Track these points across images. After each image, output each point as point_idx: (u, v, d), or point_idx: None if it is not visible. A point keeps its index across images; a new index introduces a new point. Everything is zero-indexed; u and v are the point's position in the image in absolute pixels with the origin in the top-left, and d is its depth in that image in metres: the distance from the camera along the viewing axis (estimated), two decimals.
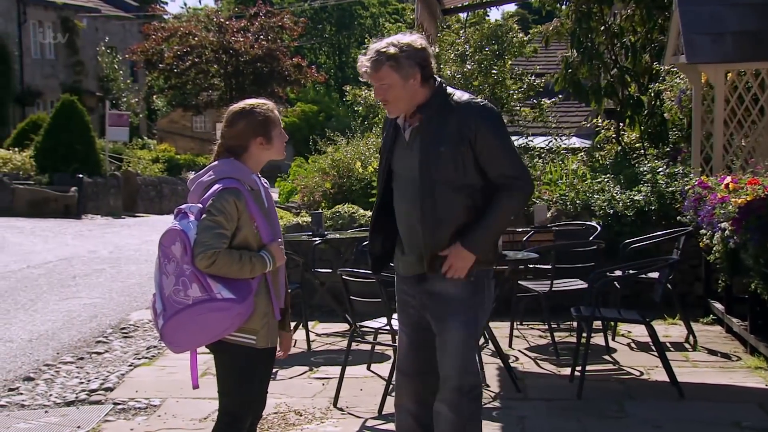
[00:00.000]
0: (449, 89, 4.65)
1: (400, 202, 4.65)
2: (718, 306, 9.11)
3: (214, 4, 59.06)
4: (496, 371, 7.47)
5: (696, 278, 9.91)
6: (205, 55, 38.35)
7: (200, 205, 4.27)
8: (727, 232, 7.82)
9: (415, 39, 4.59)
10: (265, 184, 4.48)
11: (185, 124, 48.63)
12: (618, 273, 7.85)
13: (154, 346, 9.03)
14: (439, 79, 4.66)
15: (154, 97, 44.66)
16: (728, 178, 8.76)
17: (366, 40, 24.97)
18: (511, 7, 41.47)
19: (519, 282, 8.46)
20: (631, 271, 7.83)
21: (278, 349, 4.56)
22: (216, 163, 4.40)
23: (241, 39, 37.83)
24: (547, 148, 14.57)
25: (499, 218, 4.55)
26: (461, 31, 15.59)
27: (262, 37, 38.23)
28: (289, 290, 7.73)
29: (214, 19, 39.51)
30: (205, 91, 39.88)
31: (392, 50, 4.48)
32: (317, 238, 9.01)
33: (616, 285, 8.22)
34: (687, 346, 8.37)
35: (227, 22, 39.15)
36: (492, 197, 4.52)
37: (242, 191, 4.26)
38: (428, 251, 4.56)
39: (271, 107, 4.44)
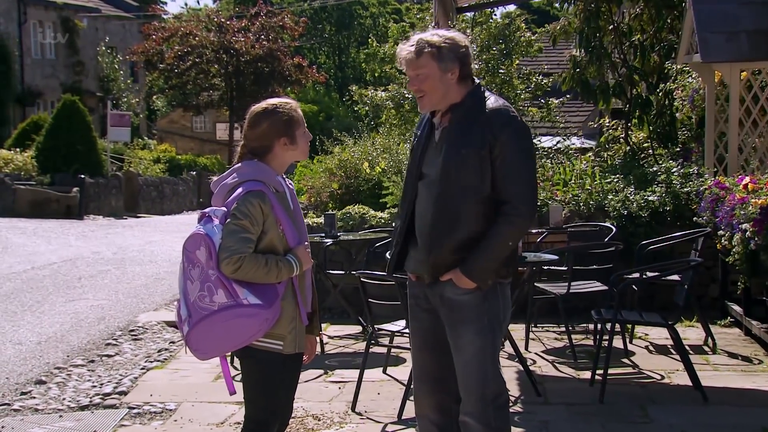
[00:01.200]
0: (487, 93, 4.52)
1: (420, 202, 4.53)
2: (736, 308, 9.00)
3: (213, 4, 58.97)
4: (515, 374, 7.36)
5: (712, 280, 9.80)
6: (205, 55, 38.26)
7: (225, 209, 4.16)
8: (748, 233, 7.72)
9: (459, 35, 4.51)
10: (290, 186, 4.38)
11: (185, 124, 48.47)
12: (638, 275, 7.73)
13: (166, 349, 8.92)
14: (477, 81, 4.54)
15: (154, 97, 44.56)
16: (747, 179, 8.65)
17: (369, 40, 24.88)
18: (511, 7, 41.27)
19: (535, 284, 8.36)
20: (651, 274, 7.70)
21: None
22: (239, 165, 4.28)
23: (242, 39, 37.74)
24: (555, 148, 14.46)
25: (499, 245, 4.37)
26: (468, 31, 15.47)
27: (262, 37, 38.15)
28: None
29: (215, 19, 39.42)
30: (205, 91, 39.78)
31: (436, 39, 4.39)
32: (330, 240, 8.89)
33: (634, 287, 8.10)
34: (706, 348, 8.26)
35: (228, 22, 39.06)
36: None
37: (267, 194, 4.16)
38: (432, 258, 4.46)
39: (294, 106, 4.33)
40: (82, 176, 26.33)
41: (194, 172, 35.02)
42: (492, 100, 4.43)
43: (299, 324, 4.29)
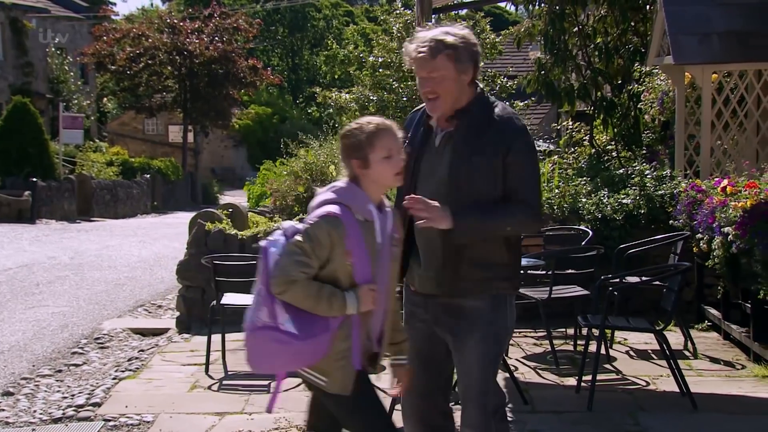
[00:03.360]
0: (491, 98, 4.32)
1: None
2: (714, 312, 8.95)
3: (163, 6, 58.40)
4: (500, 382, 7.21)
5: (686, 283, 9.73)
6: (158, 56, 37.87)
7: (299, 226, 3.91)
8: (730, 236, 7.65)
9: (469, 33, 4.24)
10: (385, 217, 3.98)
11: (137, 126, 47.94)
12: (628, 279, 7.64)
13: (136, 358, 8.67)
14: (480, 85, 4.32)
15: (105, 99, 44.00)
16: (724, 181, 8.60)
17: (329, 42, 24.68)
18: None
19: None
20: (634, 279, 7.62)
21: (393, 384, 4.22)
22: (338, 183, 4.00)
23: (196, 41, 37.38)
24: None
25: (500, 219, 4.12)
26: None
27: (216, 38, 37.82)
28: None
29: (168, 21, 39.01)
30: (158, 93, 39.37)
31: (451, 39, 4.12)
32: None
33: (614, 292, 7.99)
34: (687, 353, 8.19)
35: (181, 24, 38.68)
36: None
37: (344, 222, 3.83)
38: (448, 271, 4.19)
39: (374, 126, 3.95)
40: (34, 180, 25.84)
41: (148, 175, 34.57)
42: (500, 107, 4.23)
43: (349, 365, 3.92)
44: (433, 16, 11.01)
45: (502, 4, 34.58)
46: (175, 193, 37.48)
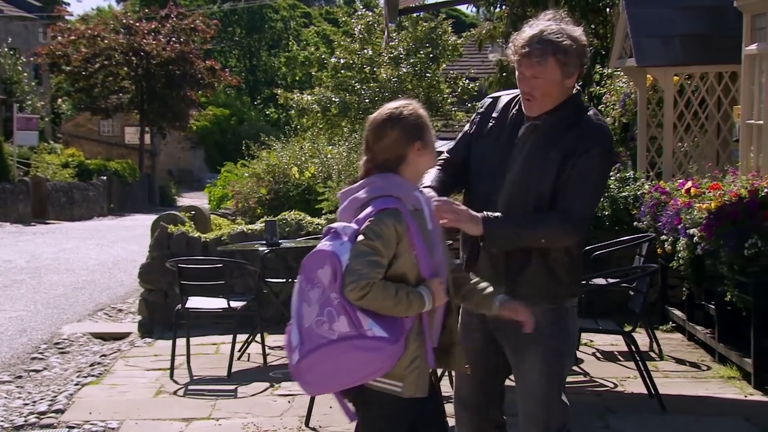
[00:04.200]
0: (585, 102, 4.16)
1: (494, 202, 3.99)
2: (678, 313, 8.99)
3: (118, 6, 57.90)
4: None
5: (650, 284, 9.76)
6: (114, 57, 37.50)
7: (356, 226, 3.64)
8: (695, 238, 7.68)
9: (582, 34, 3.97)
10: (428, 202, 3.79)
11: (92, 127, 47.40)
12: (595, 281, 7.65)
13: (98, 363, 8.54)
14: (577, 86, 4.08)
15: (60, 100, 43.49)
16: (688, 183, 8.64)
17: (290, 44, 24.56)
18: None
19: None
20: (608, 280, 7.63)
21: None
22: (372, 178, 3.72)
23: (153, 41, 37.08)
24: None
25: (537, 231, 3.91)
26: (393, 34, 15.33)
27: (173, 39, 37.53)
28: (246, 302, 7.16)
29: (124, 21, 38.66)
30: (114, 94, 38.98)
31: (566, 43, 3.85)
32: (271, 248, 8.60)
33: (582, 294, 7.99)
34: (653, 354, 8.21)
35: (137, 24, 38.34)
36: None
37: (403, 213, 3.62)
38: (511, 272, 3.97)
39: (418, 106, 3.81)
40: None
41: (104, 177, 34.20)
42: (592, 113, 4.04)
43: (423, 364, 3.69)
44: (398, 17, 10.98)
45: (461, 7, 34.76)
46: (132, 195, 37.16)
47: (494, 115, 4.11)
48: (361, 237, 3.57)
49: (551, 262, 3.99)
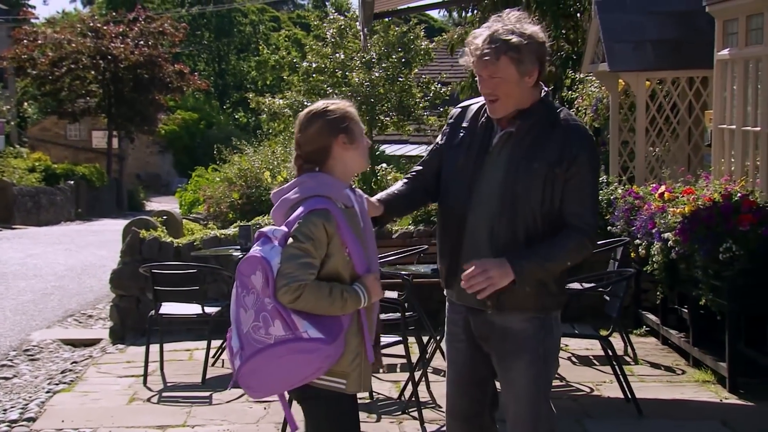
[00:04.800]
0: (555, 102, 4.14)
1: (472, 209, 3.98)
2: (652, 317, 9.02)
3: (84, 9, 57.48)
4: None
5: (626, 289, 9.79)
6: (81, 61, 37.17)
7: (285, 229, 3.66)
8: (670, 242, 7.71)
9: (538, 31, 3.92)
10: (359, 200, 3.84)
11: (58, 132, 46.95)
12: (570, 286, 7.63)
13: (69, 370, 8.44)
14: (545, 88, 4.07)
15: (26, 104, 43.07)
16: (662, 188, 8.68)
17: (261, 48, 24.45)
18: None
19: None
20: (583, 285, 7.63)
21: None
22: (302, 177, 3.79)
23: (121, 45, 36.80)
24: None
25: (561, 257, 3.90)
26: (367, 38, 15.29)
27: (141, 42, 37.27)
28: (220, 307, 7.18)
29: (91, 24, 38.35)
30: (81, 98, 38.65)
31: (515, 40, 3.82)
32: (245, 253, 8.52)
33: None
34: (628, 359, 8.22)
35: (105, 27, 38.05)
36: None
37: (333, 212, 3.67)
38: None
39: (346, 105, 3.88)
40: None
41: (72, 182, 33.90)
42: (565, 113, 4.01)
43: (364, 361, 3.77)
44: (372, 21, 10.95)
45: (431, 12, 34.79)
46: (100, 199, 36.84)
47: (464, 124, 4.08)
48: (290, 240, 3.61)
49: None
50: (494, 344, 4.04)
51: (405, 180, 4.27)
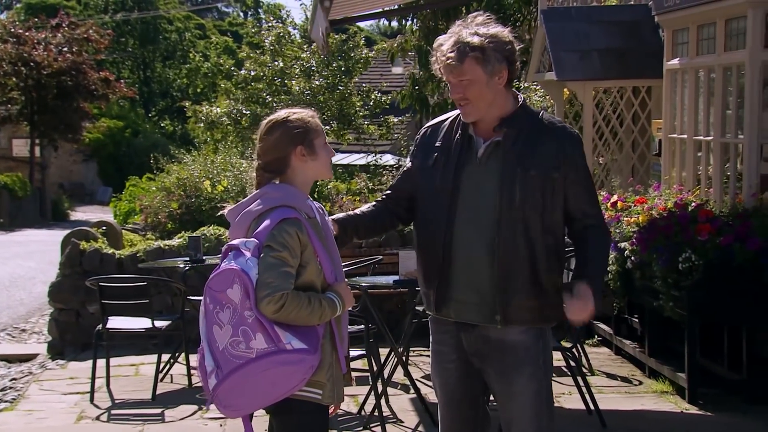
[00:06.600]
0: (534, 108, 4.07)
1: (462, 234, 3.87)
2: (605, 327, 8.99)
3: (1, 15, 56.24)
4: (409, 403, 7.04)
5: None
6: (1, 67, 36.29)
7: (256, 240, 3.57)
8: (626, 252, 7.69)
9: (503, 31, 3.87)
10: (320, 210, 3.80)
11: None
12: None
13: (10, 388, 8.13)
14: (521, 95, 4.00)
15: None
16: (614, 197, 8.69)
17: (191, 55, 24.07)
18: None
19: (416, 308, 8.05)
20: None
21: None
22: (263, 189, 3.72)
23: (44, 52, 36.02)
24: (397, 165, 14.34)
25: (603, 256, 3.98)
26: (305, 46, 15.17)
27: (65, 49, 36.52)
28: (170, 321, 7.00)
29: (12, 30, 37.47)
30: (2, 106, 37.72)
31: (476, 40, 3.77)
32: (188, 264, 8.30)
33: None
34: (584, 370, 8.15)
35: (26, 33, 37.20)
36: (575, 239, 3.93)
37: (302, 221, 3.62)
38: (503, 298, 3.81)
39: (309, 115, 3.83)
40: None
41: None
42: (547, 116, 3.96)
43: (337, 371, 3.74)
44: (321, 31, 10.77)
45: (362, 24, 34.73)
46: (23, 209, 35.93)
47: (437, 144, 3.99)
48: (266, 250, 3.54)
49: (543, 284, 3.87)
50: (493, 359, 3.92)
51: (373, 203, 4.20)
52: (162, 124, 48.86)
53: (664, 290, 7.16)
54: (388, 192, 4.20)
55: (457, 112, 3.97)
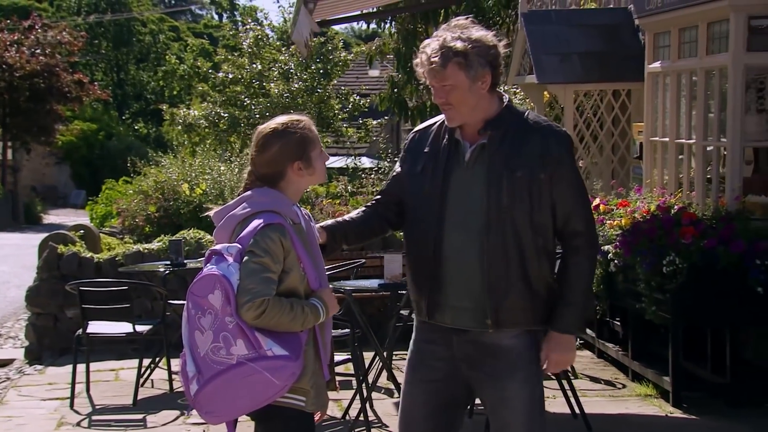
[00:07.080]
0: (519, 108, 4.02)
1: (449, 233, 3.83)
2: (587, 330, 8.98)
3: None
4: (393, 407, 7.00)
5: None
6: None
7: (239, 246, 3.53)
8: (610, 255, 7.69)
9: (487, 35, 3.81)
10: (306, 217, 3.77)
11: None
12: None
13: None
14: (506, 95, 3.95)
15: None
16: (596, 200, 8.68)
17: (167, 57, 23.94)
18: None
19: (401, 312, 8.01)
20: None
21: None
22: (250, 192, 3.68)
23: (16, 54, 35.72)
24: (376, 168, 14.30)
25: (587, 288, 3.91)
26: (283, 49, 15.12)
27: (38, 51, 36.24)
28: (151, 326, 6.93)
29: None
30: None
31: (459, 45, 3.72)
32: (168, 268, 8.22)
33: None
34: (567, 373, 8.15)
35: None
36: (561, 259, 3.87)
37: (286, 227, 3.58)
38: (494, 301, 3.77)
39: (307, 124, 3.78)
40: None
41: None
42: (533, 116, 3.91)
43: (320, 378, 3.72)
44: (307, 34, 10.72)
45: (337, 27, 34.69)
46: None
47: (426, 149, 3.95)
48: (248, 255, 3.51)
49: (534, 285, 3.81)
50: (485, 364, 3.86)
51: (362, 208, 4.16)
52: (136, 127, 48.57)
53: (648, 293, 7.17)
54: (378, 197, 4.15)
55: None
